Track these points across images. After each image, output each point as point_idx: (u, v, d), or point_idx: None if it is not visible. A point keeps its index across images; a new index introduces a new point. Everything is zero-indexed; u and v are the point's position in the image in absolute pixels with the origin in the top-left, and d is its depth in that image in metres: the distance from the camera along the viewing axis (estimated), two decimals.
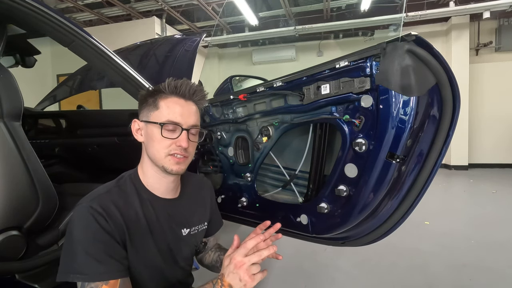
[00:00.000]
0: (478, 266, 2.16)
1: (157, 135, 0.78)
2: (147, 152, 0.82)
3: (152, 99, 0.80)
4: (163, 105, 0.79)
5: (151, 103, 0.80)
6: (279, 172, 1.35)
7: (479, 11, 5.32)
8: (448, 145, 0.90)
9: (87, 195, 0.76)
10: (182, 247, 0.89)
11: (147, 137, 0.81)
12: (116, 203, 0.75)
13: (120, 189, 0.79)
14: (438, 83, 0.85)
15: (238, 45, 7.63)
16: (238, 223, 1.46)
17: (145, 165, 0.83)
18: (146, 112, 0.81)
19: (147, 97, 0.81)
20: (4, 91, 0.98)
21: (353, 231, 1.11)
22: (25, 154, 1.01)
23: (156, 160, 0.80)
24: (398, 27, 6.14)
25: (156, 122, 0.78)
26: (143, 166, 0.84)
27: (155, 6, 5.64)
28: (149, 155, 0.81)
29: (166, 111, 0.79)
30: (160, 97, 0.80)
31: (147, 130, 0.81)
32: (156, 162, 0.80)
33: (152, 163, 0.81)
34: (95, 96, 5.94)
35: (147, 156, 0.82)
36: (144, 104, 0.81)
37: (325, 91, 0.98)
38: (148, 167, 0.83)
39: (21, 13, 0.93)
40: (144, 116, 0.81)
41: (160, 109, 0.79)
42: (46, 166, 1.18)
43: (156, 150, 0.79)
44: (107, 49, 1.19)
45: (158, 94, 0.80)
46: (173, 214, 0.86)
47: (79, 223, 0.70)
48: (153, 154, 0.80)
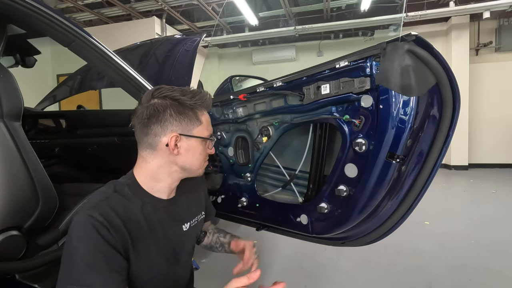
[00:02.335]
0: (478, 266, 2.16)
1: (199, 148, 0.82)
2: (179, 163, 0.80)
3: (192, 112, 0.80)
4: (204, 120, 0.82)
5: (192, 117, 0.80)
6: (279, 172, 1.35)
7: (479, 11, 5.32)
8: (448, 145, 0.90)
9: (85, 202, 0.75)
10: (185, 242, 0.91)
11: (187, 150, 0.80)
12: (116, 209, 0.73)
13: (119, 194, 0.77)
14: (438, 83, 0.85)
15: (238, 45, 7.63)
16: (238, 223, 1.46)
17: (161, 172, 0.81)
18: (186, 126, 0.79)
19: (187, 110, 0.79)
20: (4, 91, 0.98)
21: (353, 231, 1.11)
22: (25, 154, 1.01)
23: (191, 169, 0.83)
24: (398, 27, 6.14)
25: (203, 137, 0.82)
26: (155, 174, 0.81)
27: (155, 6, 5.63)
28: (182, 165, 0.81)
29: (208, 127, 0.83)
30: (199, 110, 0.81)
31: (189, 144, 0.80)
32: (193, 170, 0.84)
33: (180, 171, 0.82)
34: (95, 96, 5.94)
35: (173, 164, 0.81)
36: (182, 116, 0.78)
37: (325, 91, 0.98)
38: (166, 174, 0.81)
39: (21, 13, 0.93)
40: (185, 130, 0.79)
41: (203, 124, 0.82)
42: (46, 166, 1.18)
43: (197, 161, 0.83)
44: (107, 49, 1.19)
45: (197, 108, 0.81)
46: (173, 212, 0.86)
47: (79, 233, 0.68)
48: (191, 165, 0.82)
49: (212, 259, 2.32)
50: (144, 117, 0.77)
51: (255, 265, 0.96)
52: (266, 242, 2.65)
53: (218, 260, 2.30)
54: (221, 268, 2.14)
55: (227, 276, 0.77)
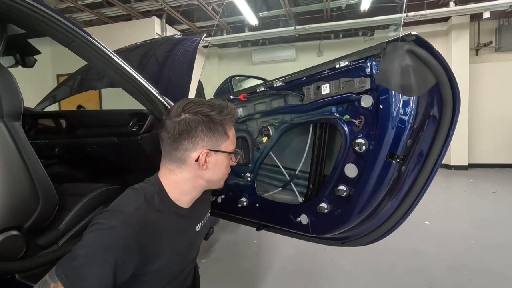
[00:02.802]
0: (478, 266, 2.16)
1: (225, 162, 0.84)
2: (206, 177, 0.82)
3: (221, 128, 0.81)
4: (231, 135, 0.84)
5: (221, 132, 0.81)
6: (279, 172, 1.35)
7: (479, 11, 5.32)
8: (448, 145, 0.90)
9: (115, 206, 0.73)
10: (198, 240, 0.94)
11: (214, 164, 0.82)
12: (144, 224, 0.72)
13: (149, 205, 0.76)
14: (438, 83, 0.85)
15: (238, 45, 7.63)
16: (238, 223, 1.46)
17: (188, 185, 0.82)
18: (216, 141, 0.80)
19: (217, 126, 0.80)
20: (4, 91, 0.98)
21: (353, 231, 1.11)
22: (25, 154, 1.01)
23: (215, 183, 0.86)
24: (398, 27, 6.14)
25: (230, 152, 0.84)
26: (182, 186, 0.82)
27: (155, 6, 5.63)
28: (209, 179, 0.83)
29: (233, 140, 0.85)
30: (227, 125, 0.83)
31: (216, 158, 0.82)
32: (214, 184, 0.86)
33: (205, 185, 0.84)
34: (95, 96, 5.93)
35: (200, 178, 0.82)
36: (213, 132, 0.79)
37: (325, 91, 0.98)
38: (192, 187, 0.83)
39: (21, 13, 0.93)
40: (214, 146, 0.80)
41: (230, 139, 0.83)
42: (46, 166, 1.18)
43: (221, 174, 0.85)
44: (107, 49, 1.18)
45: (226, 123, 0.82)
46: (193, 216, 0.89)
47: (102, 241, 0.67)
48: (217, 178, 0.85)
49: (212, 259, 2.32)
50: (176, 133, 0.77)
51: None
52: (266, 242, 2.65)
53: (218, 260, 2.30)
54: (221, 268, 2.15)
55: (227, 276, 0.78)
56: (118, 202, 0.75)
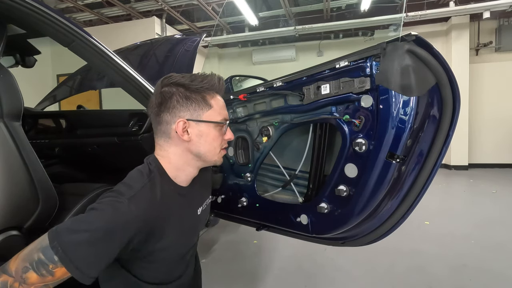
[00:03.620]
0: (478, 266, 2.16)
1: (212, 134, 0.80)
2: (194, 149, 0.80)
3: (198, 96, 0.78)
4: (214, 104, 0.80)
5: (200, 101, 0.78)
6: (279, 172, 1.35)
7: (479, 11, 5.32)
8: (448, 145, 0.90)
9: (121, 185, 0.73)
10: (198, 225, 0.94)
11: (198, 136, 0.79)
12: (150, 200, 0.73)
13: (152, 183, 0.76)
14: (438, 83, 0.85)
15: (238, 45, 7.63)
16: (238, 223, 1.46)
17: (181, 161, 0.81)
18: (194, 111, 0.78)
19: (195, 94, 0.78)
20: (4, 91, 0.98)
21: (353, 231, 1.11)
22: (25, 154, 1.01)
23: (207, 156, 0.82)
24: (398, 27, 6.14)
25: (215, 122, 0.80)
26: (176, 163, 0.81)
27: (155, 6, 5.63)
28: (197, 153, 0.80)
29: (220, 110, 0.81)
30: (208, 94, 0.79)
31: (199, 129, 0.79)
32: (207, 158, 0.82)
33: (196, 159, 0.82)
34: (95, 96, 5.93)
35: (189, 152, 0.80)
36: (187, 101, 0.77)
37: (325, 91, 0.98)
38: (185, 163, 0.82)
39: (21, 13, 0.93)
40: (193, 115, 0.78)
41: (214, 108, 0.80)
42: (46, 166, 1.18)
43: (213, 147, 0.81)
44: (107, 49, 1.18)
45: (205, 91, 0.79)
46: (192, 198, 0.89)
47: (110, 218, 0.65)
48: (206, 151, 0.81)
49: (212, 259, 2.32)
50: (154, 106, 0.78)
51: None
52: (266, 242, 2.65)
53: (218, 260, 2.30)
54: (221, 268, 2.15)
55: (227, 276, 0.77)
56: (124, 182, 0.75)
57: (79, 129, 1.83)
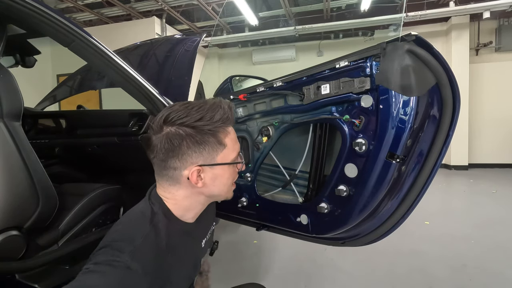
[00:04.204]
0: (478, 266, 2.16)
1: (227, 173, 0.72)
2: (206, 192, 0.73)
3: (210, 138, 0.68)
4: (228, 142, 0.71)
5: (214, 143, 0.69)
6: (279, 172, 1.35)
7: (479, 11, 5.32)
8: (448, 145, 0.90)
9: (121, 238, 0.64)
10: (201, 255, 0.90)
11: (213, 179, 0.71)
12: (155, 251, 0.65)
13: (157, 228, 0.68)
14: (438, 83, 0.85)
15: (238, 45, 7.63)
16: (238, 223, 1.46)
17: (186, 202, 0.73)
18: (208, 154, 0.69)
19: (207, 137, 0.68)
20: (4, 91, 0.98)
21: (353, 231, 1.11)
22: (25, 154, 1.01)
23: (221, 195, 0.75)
24: (398, 27, 6.14)
25: (232, 163, 0.72)
26: (183, 203, 0.73)
27: (155, 6, 5.63)
28: (209, 194, 0.74)
29: (234, 145, 0.73)
30: (221, 133, 0.70)
31: (213, 172, 0.70)
32: (221, 197, 0.76)
33: (208, 199, 0.75)
34: (95, 96, 5.94)
35: (200, 195, 0.73)
36: (202, 146, 0.67)
37: (325, 91, 0.98)
38: (194, 203, 0.74)
39: (21, 13, 0.93)
40: (207, 160, 0.69)
41: (228, 146, 0.71)
42: (46, 166, 1.18)
43: (225, 187, 0.74)
44: (107, 49, 1.19)
45: (219, 131, 0.69)
46: (198, 232, 0.84)
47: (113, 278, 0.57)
48: (219, 191, 0.74)
49: (212, 259, 2.32)
50: (159, 152, 0.67)
51: None
52: (266, 242, 2.65)
53: (218, 260, 2.30)
54: (221, 268, 2.15)
55: (227, 276, 0.77)
56: (121, 230, 0.66)
57: (79, 129, 1.83)
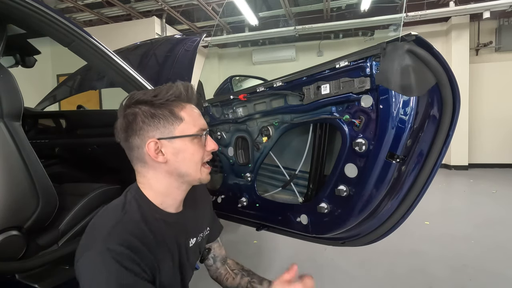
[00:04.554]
0: (478, 266, 2.16)
1: (190, 149, 0.71)
2: (173, 171, 0.71)
3: (165, 111, 0.69)
4: (185, 115, 0.71)
5: (169, 116, 0.69)
6: (279, 172, 1.35)
7: (479, 11, 5.32)
8: (448, 145, 0.90)
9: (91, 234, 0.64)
10: (190, 257, 0.85)
11: (175, 154, 0.70)
12: (133, 232, 0.64)
13: (131, 217, 0.68)
14: (438, 83, 0.85)
15: (238, 45, 7.63)
16: (238, 223, 1.46)
17: (161, 184, 0.73)
18: (164, 128, 0.69)
19: (161, 110, 0.69)
20: (4, 91, 0.98)
21: (353, 231, 1.11)
22: (25, 154, 1.01)
23: (190, 175, 0.73)
24: (398, 27, 6.14)
25: (190, 135, 0.71)
26: (156, 186, 0.73)
27: (155, 6, 5.63)
28: (178, 173, 0.72)
29: (193, 121, 0.72)
30: (175, 107, 0.71)
31: (174, 147, 0.70)
32: (190, 177, 0.73)
33: (178, 179, 0.73)
34: (95, 96, 5.93)
35: (168, 174, 0.72)
36: (154, 119, 0.69)
37: (325, 91, 0.98)
38: (167, 185, 0.73)
39: (21, 13, 0.93)
40: (164, 133, 0.69)
41: (185, 120, 0.71)
42: (46, 166, 1.18)
43: (190, 163, 0.72)
44: (107, 49, 1.19)
45: (171, 104, 0.70)
46: (182, 227, 0.81)
47: (100, 271, 0.57)
48: (189, 169, 0.72)
49: None
50: (120, 131, 0.71)
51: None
52: (266, 242, 2.65)
53: None
54: None
55: None
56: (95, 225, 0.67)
57: (79, 129, 1.83)
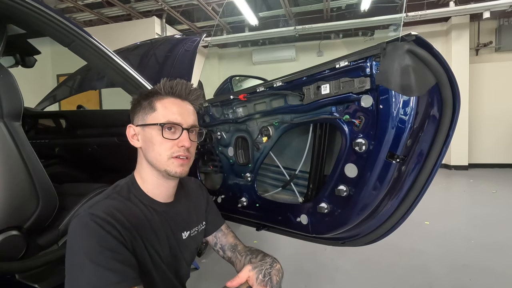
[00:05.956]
0: (478, 266, 2.16)
1: (157, 138, 0.75)
2: (146, 157, 0.78)
3: (146, 101, 0.78)
4: (159, 106, 0.77)
5: (146, 106, 0.78)
6: (279, 172, 1.35)
7: (479, 11, 5.32)
8: (448, 145, 0.90)
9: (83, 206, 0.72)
10: (184, 251, 0.87)
11: (146, 141, 0.77)
12: (118, 207, 0.70)
13: (119, 195, 0.75)
14: (438, 83, 0.85)
15: (238, 45, 7.63)
16: (238, 223, 1.46)
17: (144, 171, 0.80)
18: (141, 116, 0.78)
19: (141, 100, 0.79)
20: (4, 91, 0.98)
21: (353, 231, 1.11)
22: (25, 154, 1.01)
23: (157, 164, 0.76)
24: (398, 27, 6.14)
25: (155, 124, 0.75)
26: (141, 173, 0.81)
27: (155, 6, 5.64)
28: (148, 160, 0.78)
29: (164, 112, 0.76)
30: (155, 98, 0.78)
31: (144, 134, 0.77)
32: (158, 166, 0.77)
33: (152, 168, 0.78)
34: (95, 96, 5.94)
35: (146, 161, 0.79)
36: (138, 108, 0.79)
37: (325, 91, 0.98)
38: (147, 173, 0.79)
39: (21, 13, 0.93)
40: (139, 120, 0.78)
41: (157, 111, 0.76)
42: (46, 166, 1.18)
43: (158, 153, 0.76)
44: (107, 49, 1.19)
45: (153, 96, 0.78)
46: (173, 218, 0.83)
47: (81, 233, 0.63)
48: (154, 158, 0.76)
49: (212, 259, 2.32)
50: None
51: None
52: (266, 242, 2.65)
53: (218, 260, 2.30)
54: (221, 268, 2.14)
55: (227, 276, 0.77)
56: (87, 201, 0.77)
57: (79, 129, 1.83)
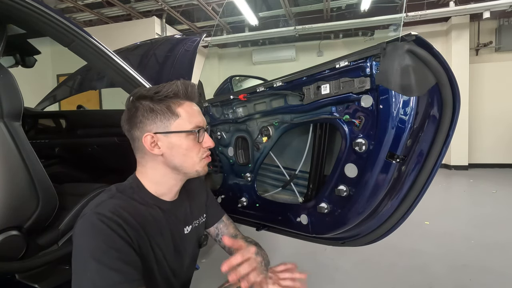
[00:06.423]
0: (478, 266, 2.16)
1: (187, 143, 0.76)
2: (170, 162, 0.77)
3: (163, 107, 0.75)
4: (182, 112, 0.76)
5: (166, 112, 0.75)
6: (279, 172, 1.35)
7: (479, 11, 5.32)
8: (448, 145, 0.90)
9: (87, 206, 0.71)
10: (186, 245, 0.89)
11: (171, 148, 0.76)
12: (124, 207, 0.70)
13: (124, 194, 0.75)
14: (438, 83, 0.85)
15: (238, 45, 7.63)
16: (238, 223, 1.46)
17: (158, 174, 0.79)
18: (160, 122, 0.75)
19: (159, 105, 0.75)
20: (4, 91, 0.98)
21: (353, 231, 1.11)
22: (25, 154, 1.01)
23: (187, 167, 0.78)
24: (398, 27, 6.14)
25: (184, 131, 0.76)
26: (153, 176, 0.79)
27: (155, 6, 5.63)
28: (174, 165, 0.78)
29: (190, 118, 0.77)
30: (172, 103, 0.76)
31: (170, 141, 0.76)
32: (187, 169, 0.78)
33: (175, 172, 0.79)
34: (95, 96, 5.93)
35: (165, 166, 0.78)
36: (151, 114, 0.75)
37: (325, 91, 0.98)
38: (163, 176, 0.79)
39: (21, 13, 0.93)
40: (159, 128, 0.75)
41: (182, 116, 0.76)
42: (46, 166, 1.18)
43: (190, 157, 0.77)
44: (107, 49, 1.19)
45: (168, 100, 0.76)
46: (177, 215, 0.85)
47: (87, 232, 0.64)
48: (184, 162, 0.77)
49: (212, 259, 2.32)
50: (124, 123, 0.78)
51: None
52: (266, 242, 2.64)
53: (218, 260, 2.30)
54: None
55: (227, 276, 0.76)
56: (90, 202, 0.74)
57: (79, 129, 1.83)
